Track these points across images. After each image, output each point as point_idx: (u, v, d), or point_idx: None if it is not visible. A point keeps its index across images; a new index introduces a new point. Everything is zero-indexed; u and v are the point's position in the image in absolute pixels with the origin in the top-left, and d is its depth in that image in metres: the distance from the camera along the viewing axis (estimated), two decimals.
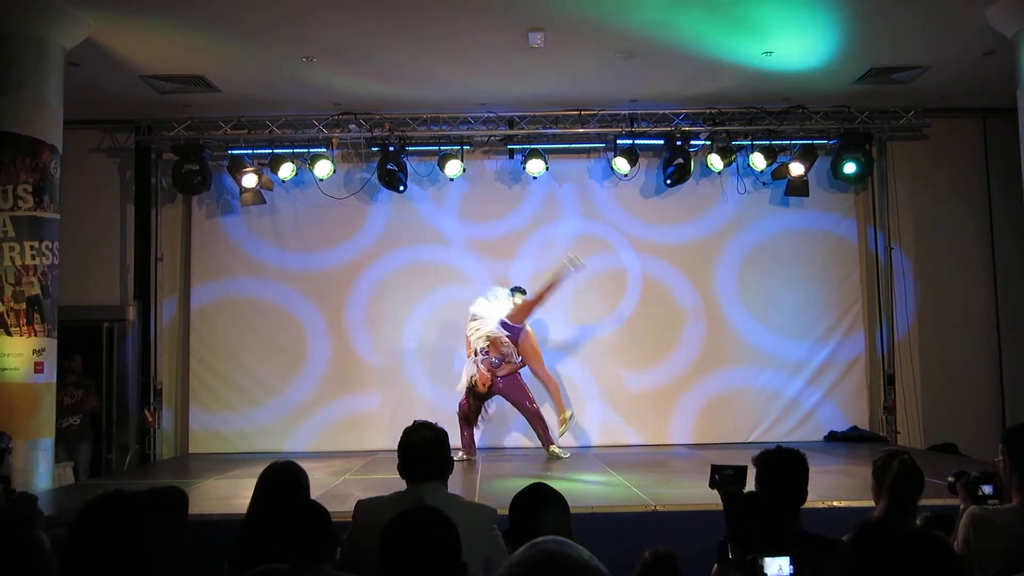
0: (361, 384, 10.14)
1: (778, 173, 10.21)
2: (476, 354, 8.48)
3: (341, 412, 10.09)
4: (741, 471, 3.16)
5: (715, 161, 10.02)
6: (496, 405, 8.82)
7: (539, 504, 2.96)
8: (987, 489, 3.38)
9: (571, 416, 8.77)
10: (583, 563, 1.49)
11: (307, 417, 10.06)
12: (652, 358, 10.16)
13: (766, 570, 2.37)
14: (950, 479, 3.54)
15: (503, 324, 8.48)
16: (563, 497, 3.00)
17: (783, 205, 10.39)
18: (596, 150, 10.47)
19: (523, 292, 8.85)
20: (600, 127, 10.16)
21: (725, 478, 3.13)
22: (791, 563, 2.37)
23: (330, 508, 2.92)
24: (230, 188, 10.24)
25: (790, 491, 3.12)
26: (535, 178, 10.10)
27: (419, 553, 2.18)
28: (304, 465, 3.46)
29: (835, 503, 5.38)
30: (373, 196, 10.32)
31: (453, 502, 3.20)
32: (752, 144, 10.12)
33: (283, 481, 3.37)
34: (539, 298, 8.66)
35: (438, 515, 2.29)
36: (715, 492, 3.17)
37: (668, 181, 10.14)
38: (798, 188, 10.16)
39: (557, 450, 8.55)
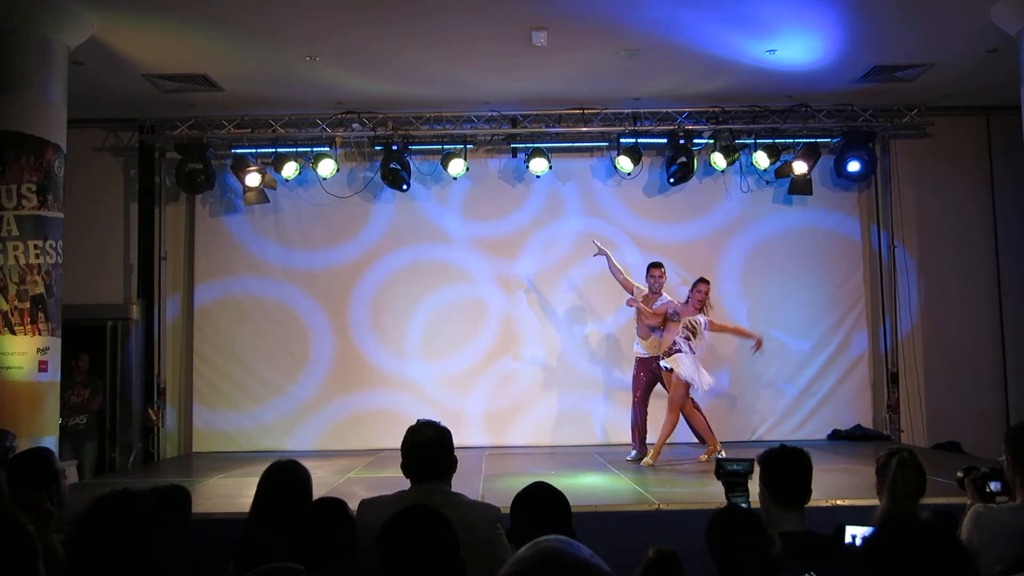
0: (365, 383, 10.15)
1: (781, 171, 10.20)
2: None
3: (345, 411, 10.09)
4: (747, 469, 3.12)
5: (718, 160, 10.01)
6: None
7: (540, 503, 2.96)
8: (994, 485, 3.38)
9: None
10: (585, 561, 1.50)
11: (311, 416, 10.07)
12: None
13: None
14: (959, 474, 3.55)
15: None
16: (564, 496, 3.01)
17: (786, 204, 10.38)
18: (599, 149, 10.47)
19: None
20: (603, 126, 10.16)
21: (729, 475, 3.10)
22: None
23: None
24: (234, 187, 10.25)
25: (794, 490, 3.12)
26: (538, 177, 10.10)
27: (416, 553, 2.19)
28: (308, 464, 3.46)
29: (838, 501, 5.37)
30: (376, 195, 10.33)
31: (456, 500, 3.21)
32: (755, 142, 10.10)
33: (285, 480, 3.38)
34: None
35: (434, 515, 2.30)
36: (718, 492, 3.17)
37: (671, 180, 10.14)
38: (801, 187, 10.15)
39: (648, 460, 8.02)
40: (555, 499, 2.99)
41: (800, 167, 10.04)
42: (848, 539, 2.51)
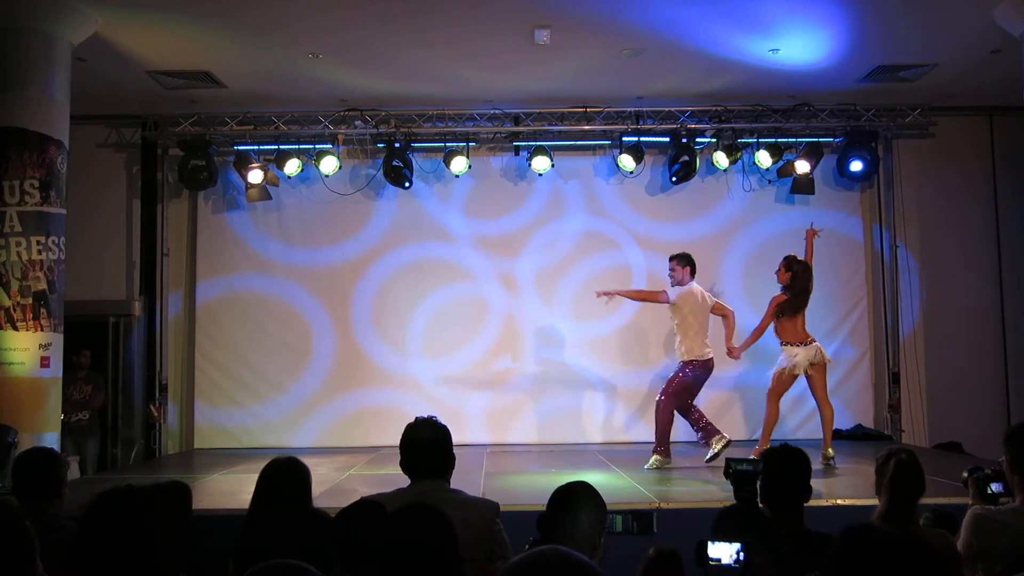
0: (366, 380, 10.15)
1: (784, 171, 10.20)
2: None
3: (346, 408, 10.10)
4: (756, 469, 3.11)
5: (721, 159, 10.00)
6: None
7: (575, 502, 2.93)
8: (996, 487, 3.38)
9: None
10: (580, 563, 1.51)
11: (312, 413, 10.08)
12: (656, 355, 10.15)
13: (709, 553, 2.38)
14: (964, 474, 3.55)
15: None
16: (601, 498, 2.98)
17: (788, 203, 10.37)
18: (602, 147, 10.46)
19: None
20: (606, 124, 10.15)
21: (739, 475, 3.09)
22: (741, 550, 2.35)
23: (335, 504, 2.94)
24: (236, 184, 10.26)
25: (792, 489, 3.13)
26: (540, 175, 10.09)
27: (415, 550, 2.20)
28: (309, 461, 3.47)
29: (839, 501, 5.39)
30: (379, 192, 10.33)
31: (455, 498, 3.22)
32: (758, 142, 10.09)
33: (284, 477, 3.38)
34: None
35: (433, 512, 2.31)
36: (718, 490, 3.17)
37: (674, 178, 10.14)
38: (804, 186, 10.14)
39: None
40: (592, 500, 2.95)
41: (802, 166, 10.03)
42: (713, 556, 2.41)
